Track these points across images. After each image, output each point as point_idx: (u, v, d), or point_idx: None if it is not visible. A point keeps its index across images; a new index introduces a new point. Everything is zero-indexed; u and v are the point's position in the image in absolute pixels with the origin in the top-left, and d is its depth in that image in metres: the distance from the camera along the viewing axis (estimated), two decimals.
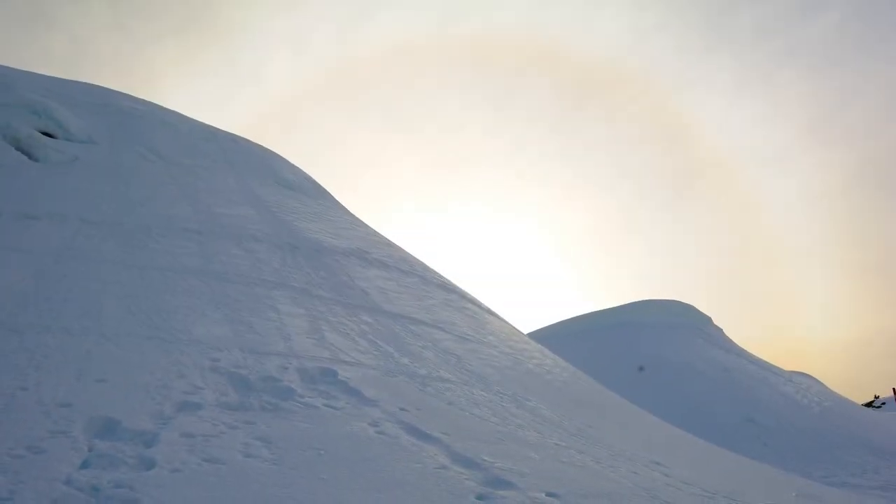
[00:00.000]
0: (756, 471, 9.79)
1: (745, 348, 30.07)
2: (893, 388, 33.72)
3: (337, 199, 18.32)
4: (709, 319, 31.53)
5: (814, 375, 31.01)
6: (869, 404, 33.95)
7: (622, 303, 32.18)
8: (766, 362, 28.71)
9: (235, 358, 6.44)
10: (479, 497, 4.27)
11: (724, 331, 31.50)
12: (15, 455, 3.93)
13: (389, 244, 14.76)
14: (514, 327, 13.88)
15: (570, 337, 28.06)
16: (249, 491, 3.85)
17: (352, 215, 17.07)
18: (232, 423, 4.94)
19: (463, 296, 13.12)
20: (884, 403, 34.78)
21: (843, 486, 13.81)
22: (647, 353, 26.19)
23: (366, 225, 16.28)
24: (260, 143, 19.51)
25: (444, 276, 14.27)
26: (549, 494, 4.51)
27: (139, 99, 18.49)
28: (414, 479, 4.40)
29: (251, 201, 13.74)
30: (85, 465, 3.95)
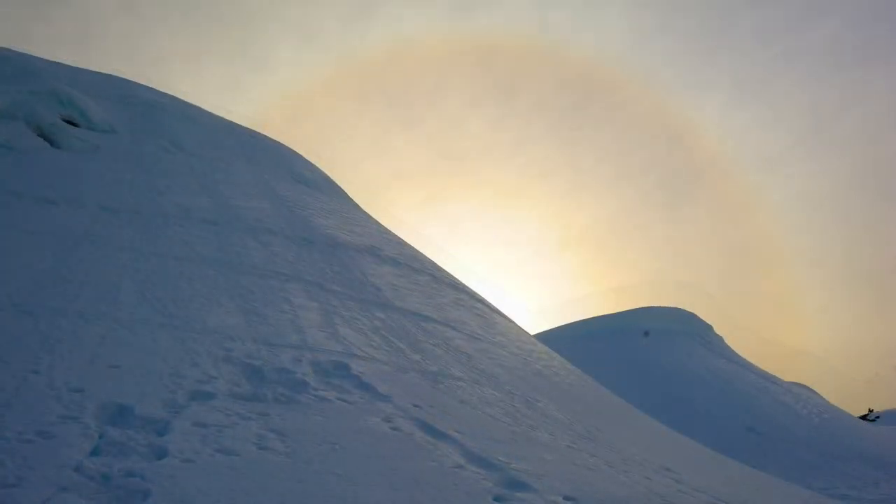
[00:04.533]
0: (761, 480, 9.75)
1: (739, 353, 30.17)
2: None
3: (350, 196, 18.45)
4: (709, 327, 31.57)
5: (807, 385, 31.13)
6: (864, 417, 33.91)
7: (621, 300, 32.34)
8: (765, 372, 28.76)
9: (248, 348, 6.40)
10: (497, 498, 4.20)
11: (724, 339, 31.58)
12: (24, 440, 3.85)
13: (401, 242, 14.80)
14: (521, 328, 13.87)
15: (573, 340, 28.08)
16: (264, 485, 3.77)
17: (364, 213, 17.15)
18: (245, 413, 4.88)
19: (472, 295, 13.11)
20: (878, 417, 34.78)
21: (843, 499, 13.81)
22: (649, 359, 26.24)
23: (378, 223, 16.34)
24: (263, 131, 19.73)
25: (454, 275, 14.28)
26: (566, 498, 4.45)
27: (161, 91, 18.70)
28: (430, 478, 4.33)
29: (267, 195, 13.76)
30: (95, 452, 3.87)
